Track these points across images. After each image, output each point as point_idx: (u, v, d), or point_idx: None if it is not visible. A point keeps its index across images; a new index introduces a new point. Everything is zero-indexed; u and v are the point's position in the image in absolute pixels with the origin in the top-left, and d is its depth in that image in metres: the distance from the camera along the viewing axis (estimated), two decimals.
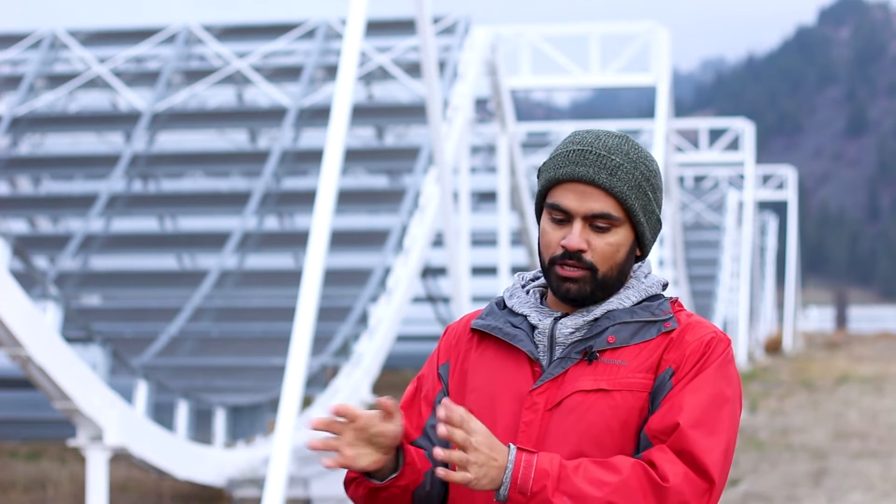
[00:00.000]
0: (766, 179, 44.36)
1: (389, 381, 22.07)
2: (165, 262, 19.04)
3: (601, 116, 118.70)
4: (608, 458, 2.58)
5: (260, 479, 11.11)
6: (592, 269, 2.65)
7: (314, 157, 16.99)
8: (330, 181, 9.24)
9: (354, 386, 14.10)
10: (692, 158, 34.85)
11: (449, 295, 19.85)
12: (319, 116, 17.91)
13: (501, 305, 2.77)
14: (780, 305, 51.81)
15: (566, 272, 2.65)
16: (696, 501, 2.55)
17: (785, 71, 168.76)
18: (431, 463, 2.67)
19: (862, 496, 12.93)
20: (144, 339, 15.20)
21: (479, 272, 20.67)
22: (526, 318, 2.71)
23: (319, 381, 14.21)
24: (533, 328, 2.70)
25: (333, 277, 14.97)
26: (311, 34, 19.42)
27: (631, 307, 2.68)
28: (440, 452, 2.49)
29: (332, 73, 18.44)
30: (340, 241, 15.28)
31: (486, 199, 21.24)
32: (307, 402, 14.36)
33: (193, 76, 19.45)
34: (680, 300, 2.77)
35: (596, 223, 2.65)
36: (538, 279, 2.81)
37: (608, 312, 2.67)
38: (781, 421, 20.31)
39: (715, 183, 42.82)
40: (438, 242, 17.95)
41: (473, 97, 17.47)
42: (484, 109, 20.55)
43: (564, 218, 2.66)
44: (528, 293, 2.77)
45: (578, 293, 2.66)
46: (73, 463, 14.46)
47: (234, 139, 20.42)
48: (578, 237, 2.64)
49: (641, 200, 2.67)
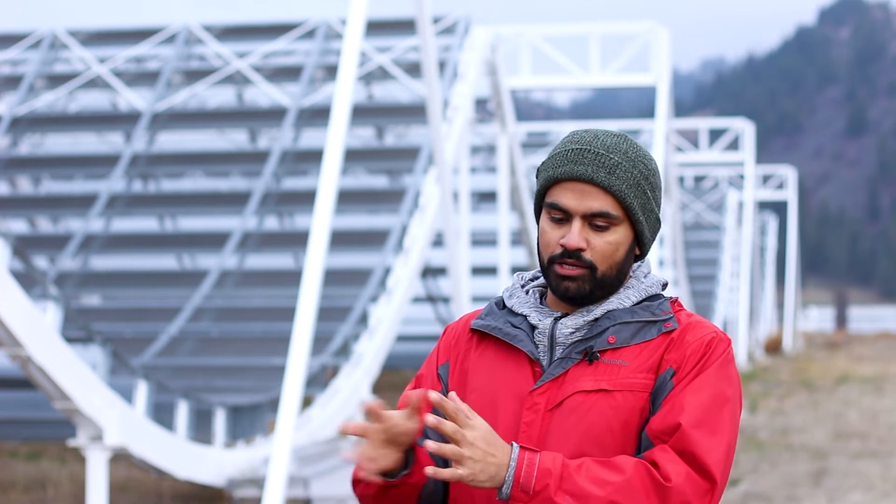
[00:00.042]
0: (766, 179, 44.38)
1: (389, 381, 22.06)
2: (165, 262, 19.04)
3: (601, 116, 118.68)
4: (610, 458, 2.58)
5: (260, 479, 11.11)
6: (592, 267, 2.65)
7: (314, 157, 16.99)
8: (330, 181, 9.24)
9: (354, 386, 14.11)
10: (692, 158, 34.85)
11: (449, 295, 19.84)
12: (319, 116, 17.91)
13: (501, 305, 2.77)
14: (780, 305, 51.81)
15: (565, 271, 2.65)
16: (698, 501, 2.55)
17: (785, 71, 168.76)
18: (434, 462, 2.67)
19: (862, 496, 12.93)
20: (144, 339, 15.20)
21: (479, 272, 20.67)
22: (526, 318, 2.71)
23: (319, 381, 14.21)
24: (533, 328, 2.69)
25: (333, 277, 14.97)
26: (311, 34, 19.42)
27: (631, 307, 2.68)
28: (431, 445, 2.48)
29: (332, 73, 18.44)
30: (340, 241, 15.28)
31: (486, 199, 21.24)
32: (307, 402, 14.35)
33: (193, 76, 19.45)
34: (680, 300, 2.77)
35: (595, 222, 2.65)
36: (537, 279, 2.80)
37: (608, 312, 2.67)
38: (781, 421, 20.30)
39: (715, 183, 42.82)
40: (438, 242, 17.95)
41: (473, 97, 17.47)
42: (484, 109, 20.55)
43: (563, 217, 2.66)
44: (527, 293, 2.76)
45: (578, 291, 2.65)
46: (73, 463, 14.46)
47: (234, 139, 20.42)
48: (577, 236, 2.64)
49: (640, 199, 2.67)
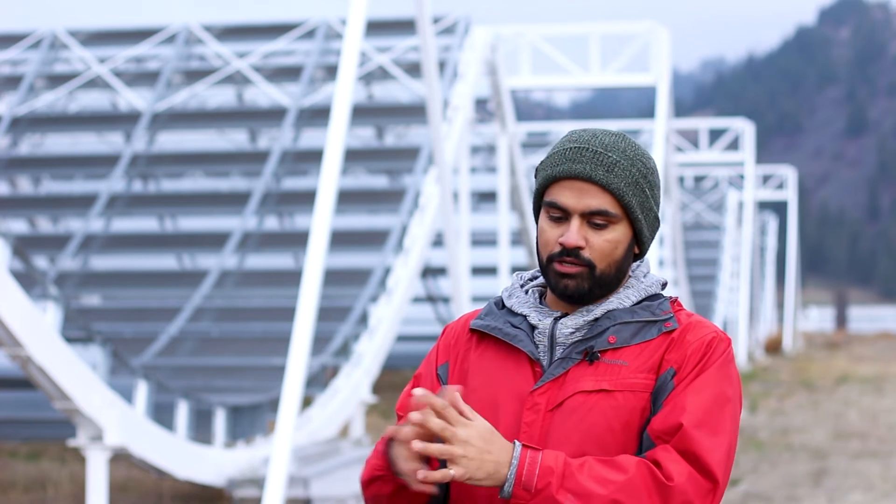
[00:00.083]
0: (766, 179, 44.38)
1: (389, 381, 22.06)
2: (165, 262, 19.04)
3: (601, 116, 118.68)
4: (612, 457, 2.57)
5: (260, 479, 11.11)
6: (590, 266, 2.64)
7: (314, 157, 16.99)
8: (330, 181, 9.24)
9: (354, 386, 14.11)
10: (692, 158, 34.86)
11: (449, 295, 19.84)
12: (319, 116, 17.91)
13: (500, 305, 2.76)
14: (780, 305, 51.82)
15: (564, 268, 2.64)
16: (700, 501, 2.55)
17: (785, 71, 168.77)
18: (438, 462, 2.67)
19: (862, 496, 12.93)
20: (144, 339, 15.20)
21: (479, 272, 20.67)
22: (525, 318, 2.70)
23: (319, 381, 14.21)
24: (533, 328, 2.69)
25: (333, 277, 14.98)
26: (311, 34, 19.42)
27: (631, 307, 2.68)
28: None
29: (332, 73, 18.45)
30: (340, 241, 15.28)
31: (486, 199, 21.24)
32: (307, 402, 14.35)
33: (193, 76, 19.45)
34: (679, 300, 2.77)
35: (593, 220, 2.64)
36: (536, 279, 2.80)
37: (608, 312, 2.67)
38: (781, 421, 20.30)
39: (715, 183, 42.83)
40: (438, 242, 17.96)
41: (473, 97, 17.48)
42: (484, 109, 20.55)
43: (562, 216, 2.66)
44: (526, 293, 2.76)
45: (576, 289, 2.65)
46: (73, 463, 14.46)
47: (234, 139, 20.42)
48: (576, 234, 2.63)
49: (639, 197, 2.66)
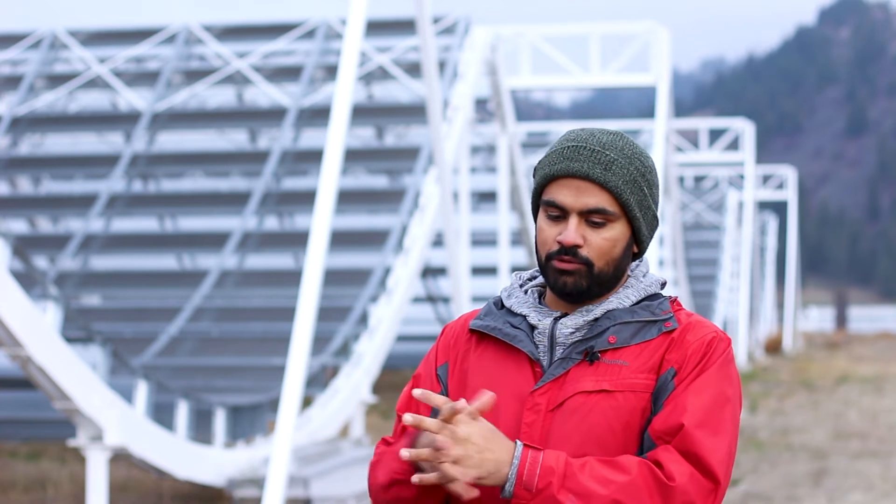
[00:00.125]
0: (766, 179, 44.39)
1: (389, 381, 22.07)
2: (165, 262, 19.04)
3: (601, 116, 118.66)
4: (613, 457, 2.57)
5: (260, 479, 11.11)
6: (588, 264, 2.64)
7: (314, 157, 16.99)
8: (330, 181, 9.24)
9: (354, 386, 14.11)
10: (692, 158, 34.86)
11: (449, 295, 19.84)
12: (319, 116, 17.91)
13: (499, 305, 2.76)
14: (780, 305, 51.83)
15: (563, 265, 2.65)
16: (701, 501, 2.55)
17: (785, 71, 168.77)
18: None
19: (862, 496, 12.92)
20: (144, 339, 15.20)
21: (479, 272, 20.67)
22: (525, 318, 2.70)
23: (319, 381, 14.21)
24: (532, 328, 2.69)
25: (333, 277, 14.98)
26: (311, 34, 19.42)
27: (631, 307, 2.68)
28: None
29: (332, 73, 18.45)
30: (340, 241, 15.28)
31: (486, 199, 21.24)
32: (307, 402, 14.35)
33: (193, 76, 19.45)
34: (679, 299, 2.77)
35: (591, 218, 2.64)
36: (535, 279, 2.80)
37: (608, 312, 2.67)
38: (781, 421, 20.30)
39: (715, 183, 42.83)
40: (438, 242, 17.95)
41: (473, 97, 17.48)
42: (484, 109, 20.55)
43: (560, 214, 2.66)
44: (526, 293, 2.76)
45: (575, 287, 2.65)
46: (73, 463, 14.46)
47: (234, 139, 20.42)
48: (574, 232, 2.63)
49: (637, 195, 2.66)
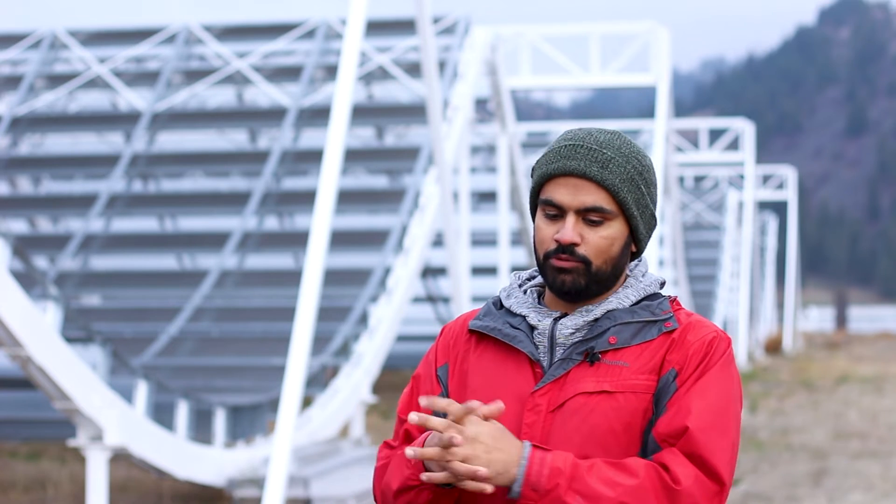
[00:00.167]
0: (766, 179, 44.39)
1: (389, 381, 22.07)
2: (165, 262, 19.04)
3: (601, 116, 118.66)
4: (619, 459, 2.57)
5: (260, 479, 11.11)
6: (586, 262, 2.64)
7: (314, 157, 16.99)
8: (330, 181, 9.24)
9: (354, 386, 14.11)
10: (692, 158, 34.86)
11: (449, 295, 19.84)
12: (319, 116, 17.91)
13: (498, 305, 2.75)
14: (780, 305, 51.82)
15: (561, 263, 2.64)
16: (707, 503, 2.55)
17: (785, 71, 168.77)
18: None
19: (862, 496, 12.92)
20: (144, 339, 15.20)
21: (479, 272, 20.67)
22: (525, 318, 2.69)
23: (319, 381, 14.21)
24: (532, 328, 2.68)
25: (333, 277, 14.97)
26: (311, 34, 19.42)
27: (631, 307, 2.67)
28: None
29: (332, 73, 18.45)
30: (340, 241, 15.28)
31: (486, 199, 21.24)
32: (307, 402, 14.35)
33: (193, 76, 19.45)
34: (679, 299, 2.76)
35: (589, 217, 2.64)
36: (534, 278, 2.79)
37: (608, 312, 2.66)
38: (781, 421, 20.30)
39: (715, 183, 42.83)
40: (438, 242, 17.95)
41: (473, 97, 17.47)
42: (484, 109, 20.55)
43: (558, 213, 2.66)
44: (525, 293, 2.75)
45: (573, 285, 2.64)
46: (73, 463, 14.46)
47: (234, 139, 20.42)
48: (571, 231, 2.63)
49: (634, 194, 2.66)
